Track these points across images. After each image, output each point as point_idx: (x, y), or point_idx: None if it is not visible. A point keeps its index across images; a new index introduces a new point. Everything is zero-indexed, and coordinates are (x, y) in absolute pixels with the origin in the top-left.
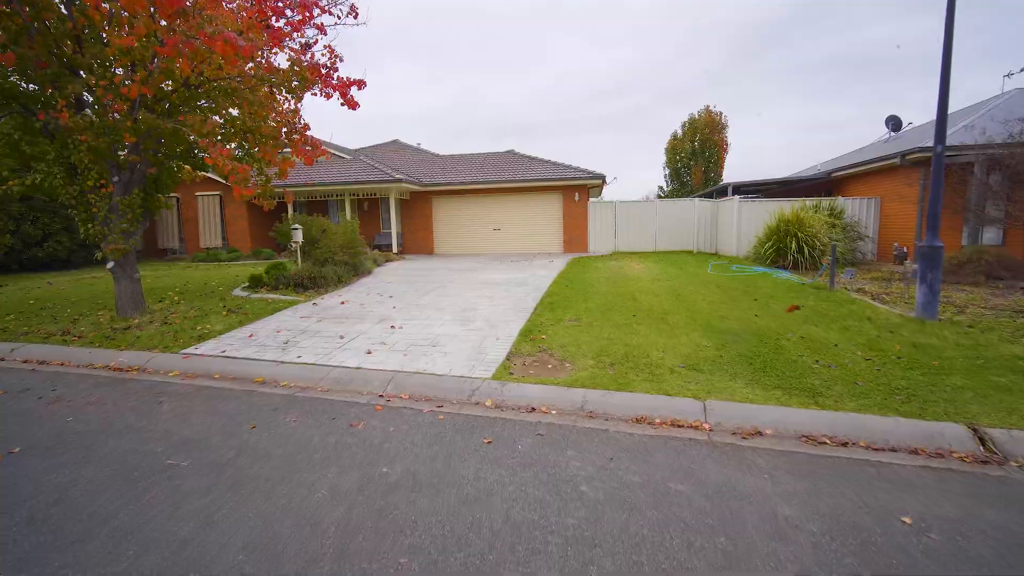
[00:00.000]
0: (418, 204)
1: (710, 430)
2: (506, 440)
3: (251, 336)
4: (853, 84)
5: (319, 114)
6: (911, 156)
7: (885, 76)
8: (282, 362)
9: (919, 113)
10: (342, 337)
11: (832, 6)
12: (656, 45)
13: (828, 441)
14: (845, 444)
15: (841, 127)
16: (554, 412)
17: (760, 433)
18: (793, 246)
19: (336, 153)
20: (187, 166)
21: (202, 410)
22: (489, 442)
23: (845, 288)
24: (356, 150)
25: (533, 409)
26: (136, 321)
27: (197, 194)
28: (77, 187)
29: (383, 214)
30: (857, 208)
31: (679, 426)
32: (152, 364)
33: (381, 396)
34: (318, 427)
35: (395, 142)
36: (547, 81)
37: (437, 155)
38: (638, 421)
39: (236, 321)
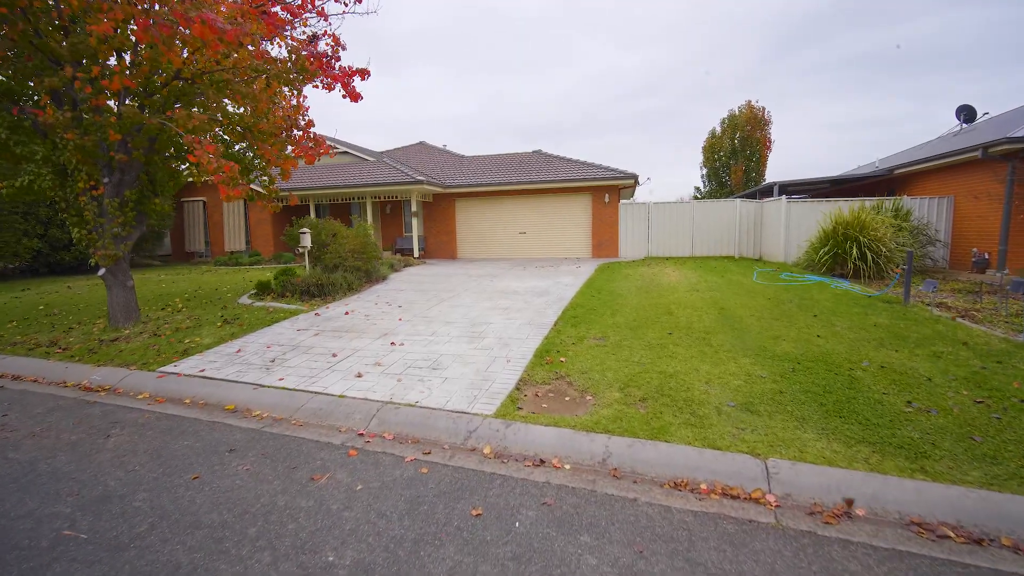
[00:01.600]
0: (441, 207)
1: (777, 506)
2: (501, 513)
3: (238, 352)
4: (892, 80)
5: (338, 114)
6: (996, 148)
7: (927, 71)
8: (260, 385)
9: (979, 106)
10: (334, 355)
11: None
12: (690, 42)
13: (952, 534)
14: (980, 542)
15: (882, 124)
16: (568, 467)
17: (849, 515)
18: (854, 252)
19: (359, 155)
20: (193, 168)
21: (148, 449)
22: (478, 514)
23: (922, 302)
24: (380, 152)
25: (541, 462)
26: (126, 332)
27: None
28: (70, 189)
29: (405, 217)
30: (926, 209)
31: (733, 496)
32: (125, 383)
33: (360, 435)
34: (272, 480)
35: (421, 144)
36: (575, 82)
37: (462, 156)
38: (677, 487)
39: (228, 333)
